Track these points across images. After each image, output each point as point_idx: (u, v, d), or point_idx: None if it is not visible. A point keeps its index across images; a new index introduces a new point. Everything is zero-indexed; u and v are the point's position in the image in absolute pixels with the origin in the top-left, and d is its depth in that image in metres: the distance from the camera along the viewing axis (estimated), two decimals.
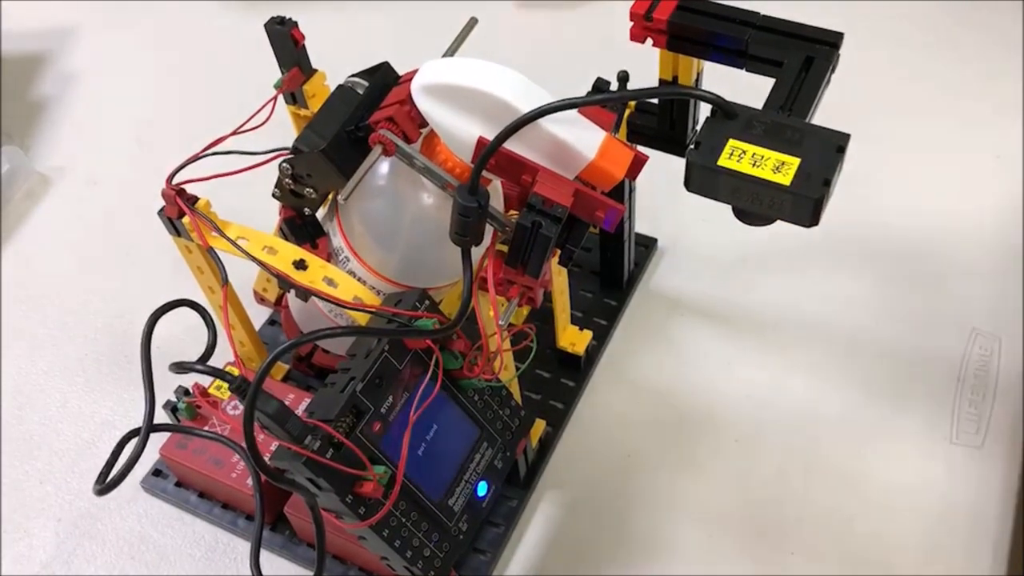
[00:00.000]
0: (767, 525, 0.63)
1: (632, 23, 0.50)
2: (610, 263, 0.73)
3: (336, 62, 0.66)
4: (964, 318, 0.72)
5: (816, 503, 0.64)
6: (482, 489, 0.56)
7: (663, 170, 0.60)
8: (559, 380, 0.70)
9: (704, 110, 0.59)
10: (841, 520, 0.63)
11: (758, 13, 0.48)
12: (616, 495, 0.65)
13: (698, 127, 0.60)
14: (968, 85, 0.88)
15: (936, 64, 0.90)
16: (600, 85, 0.59)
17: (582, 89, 0.59)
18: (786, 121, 0.42)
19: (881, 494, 0.64)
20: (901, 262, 0.76)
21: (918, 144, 0.83)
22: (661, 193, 0.74)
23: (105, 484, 0.49)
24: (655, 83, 0.57)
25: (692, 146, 0.42)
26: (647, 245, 0.77)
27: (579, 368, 0.70)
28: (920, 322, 0.72)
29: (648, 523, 0.64)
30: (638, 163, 0.48)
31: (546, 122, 0.46)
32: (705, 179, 0.42)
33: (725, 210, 0.47)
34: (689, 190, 0.43)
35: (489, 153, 0.47)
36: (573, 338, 0.69)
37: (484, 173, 0.48)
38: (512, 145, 0.47)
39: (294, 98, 0.65)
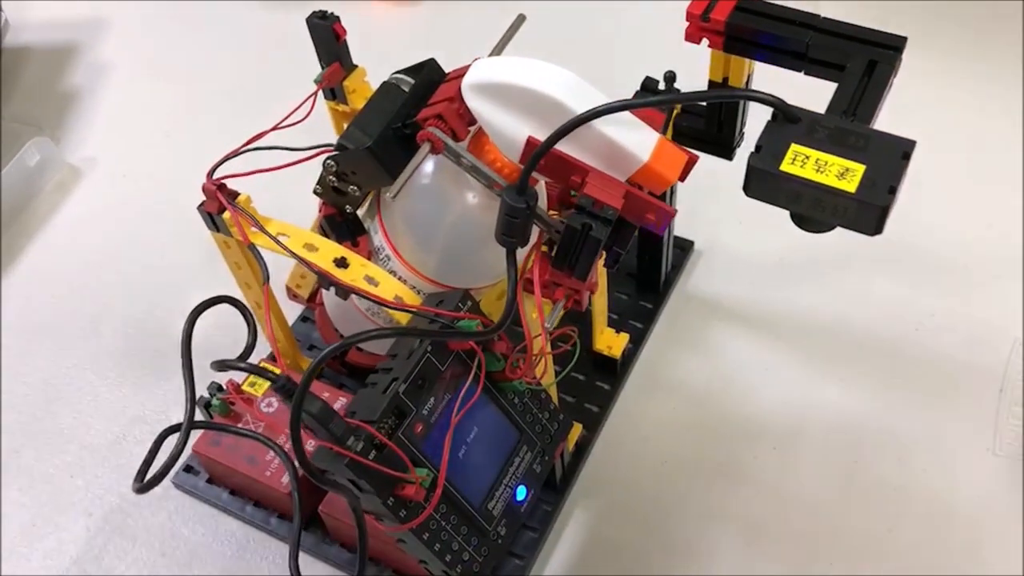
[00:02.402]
0: (805, 534, 0.63)
1: (688, 23, 0.49)
2: (647, 265, 0.72)
3: (372, 57, 0.65)
4: (1006, 328, 0.71)
5: (855, 512, 0.63)
6: (521, 493, 0.55)
7: (702, 171, 0.59)
8: (594, 383, 0.69)
9: (751, 113, 0.59)
10: (880, 530, 0.62)
11: (818, 15, 0.47)
12: (651, 501, 0.65)
13: (745, 129, 0.59)
14: (1004, 87, 0.86)
15: (976, 69, 0.88)
16: (649, 84, 0.58)
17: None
18: (850, 126, 0.41)
19: (921, 505, 0.63)
20: (942, 271, 0.75)
21: (961, 149, 0.82)
22: (699, 194, 0.74)
23: (144, 483, 0.48)
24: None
25: (753, 150, 0.41)
26: (684, 247, 0.76)
27: (615, 371, 0.69)
28: (961, 332, 0.71)
29: (683, 529, 0.63)
30: (689, 164, 0.47)
31: (600, 123, 0.46)
32: (766, 184, 0.41)
33: (763, 212, 0.46)
34: (748, 195, 0.42)
35: (540, 154, 0.46)
36: (609, 341, 0.69)
37: (532, 173, 0.47)
38: (564, 146, 0.47)
39: (333, 94, 0.64)
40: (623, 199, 0.47)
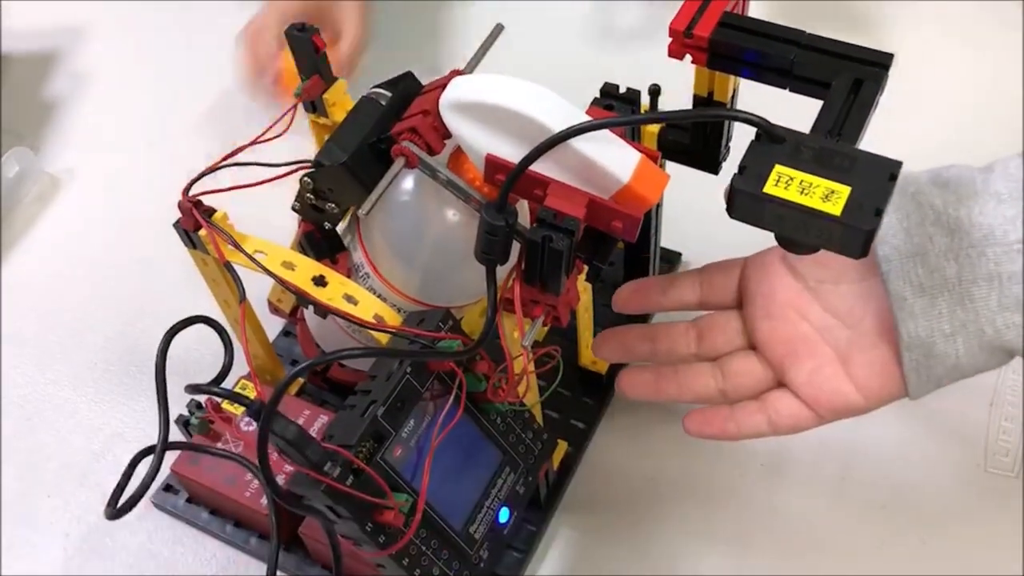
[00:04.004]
0: (794, 551, 0.62)
1: (671, 39, 0.48)
2: (634, 278, 0.71)
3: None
4: None
5: (845, 529, 0.62)
6: (504, 516, 0.54)
7: (689, 184, 0.58)
8: (580, 399, 0.68)
9: (738, 127, 0.58)
10: (870, 546, 0.61)
11: (804, 31, 0.46)
12: (638, 519, 0.64)
13: (731, 144, 0.59)
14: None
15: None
16: (608, 89, 0.57)
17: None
18: (835, 147, 0.40)
19: (912, 522, 0.62)
20: None
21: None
22: (686, 207, 0.73)
23: (117, 508, 0.48)
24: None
25: (737, 171, 0.40)
26: (671, 260, 0.76)
27: (601, 387, 0.68)
28: None
29: (671, 549, 0.62)
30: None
31: (578, 142, 0.45)
32: (750, 207, 0.40)
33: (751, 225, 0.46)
34: (732, 217, 0.41)
35: (519, 172, 0.45)
36: (595, 356, 0.68)
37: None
38: (542, 166, 0.46)
39: (314, 107, 0.63)
40: (585, 208, 0.46)
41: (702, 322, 0.60)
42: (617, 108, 0.54)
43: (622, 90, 0.56)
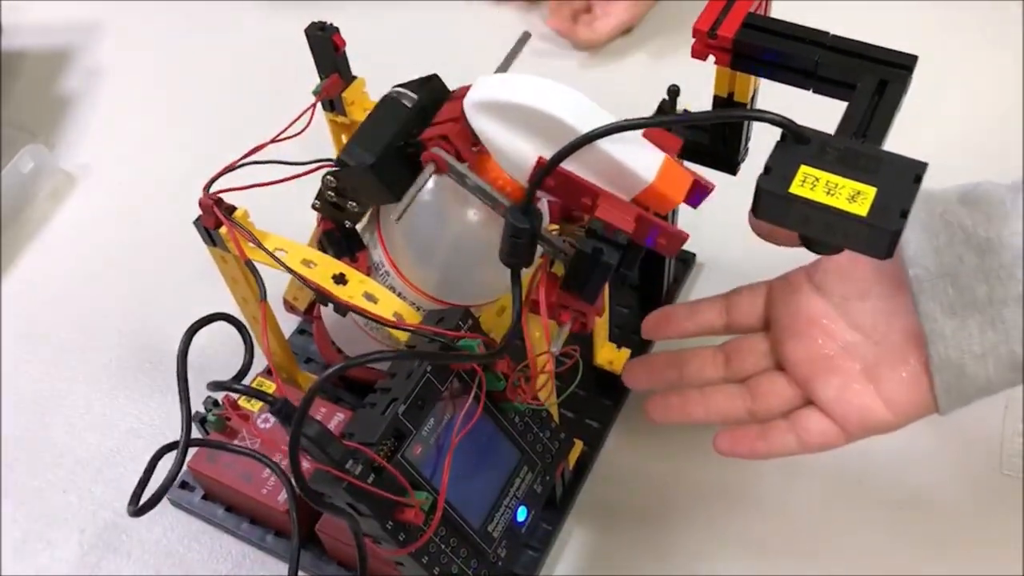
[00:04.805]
0: (809, 552, 0.62)
1: (694, 39, 0.48)
2: (649, 278, 0.71)
3: (368, 63, 0.64)
4: None
5: (861, 531, 0.62)
6: (522, 514, 0.54)
7: None
8: (595, 398, 0.68)
9: (756, 127, 0.58)
10: (887, 549, 0.61)
11: (828, 32, 0.46)
12: (653, 519, 0.64)
13: (749, 144, 0.59)
14: None
15: None
16: (664, 107, 0.57)
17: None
18: (861, 148, 0.40)
19: (928, 523, 0.62)
20: None
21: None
22: (702, 207, 0.72)
23: (139, 507, 0.48)
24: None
25: (763, 172, 0.40)
26: (686, 260, 0.76)
27: (616, 386, 0.68)
28: None
29: (686, 549, 0.62)
30: (702, 190, 0.46)
31: (604, 142, 0.45)
32: (776, 207, 0.40)
33: None
34: (757, 217, 0.41)
35: (544, 174, 0.45)
36: (611, 355, 0.68)
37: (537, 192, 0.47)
38: (568, 166, 0.46)
39: (332, 105, 0.63)
40: (635, 223, 0.46)
41: (729, 346, 0.60)
42: None
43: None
